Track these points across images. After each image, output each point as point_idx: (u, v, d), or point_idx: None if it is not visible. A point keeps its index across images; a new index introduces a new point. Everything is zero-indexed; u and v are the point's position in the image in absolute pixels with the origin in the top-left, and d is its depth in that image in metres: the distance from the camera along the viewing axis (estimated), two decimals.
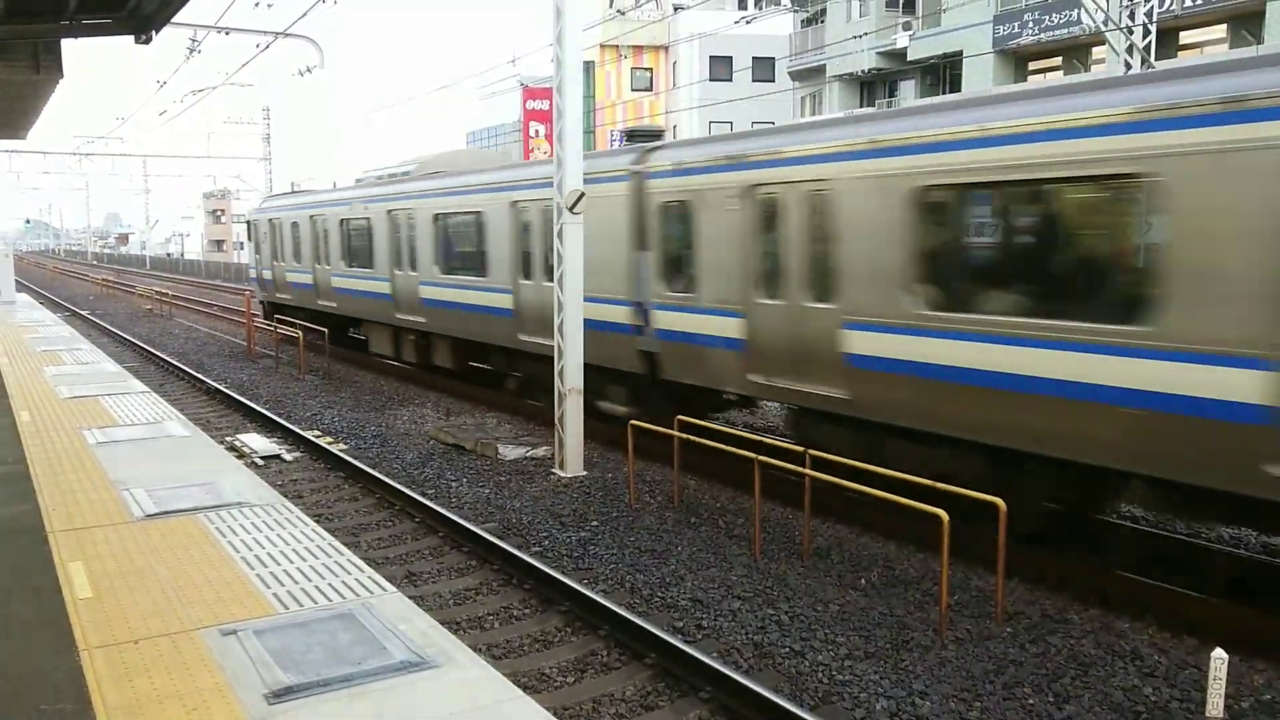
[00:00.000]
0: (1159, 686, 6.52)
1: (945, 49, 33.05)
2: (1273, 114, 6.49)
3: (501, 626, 7.78)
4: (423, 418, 15.96)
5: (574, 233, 11.78)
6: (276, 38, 22.16)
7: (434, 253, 17.40)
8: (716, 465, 11.70)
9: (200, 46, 21.56)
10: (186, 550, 5.73)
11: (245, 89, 41.81)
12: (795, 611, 7.80)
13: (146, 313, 35.80)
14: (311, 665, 4.19)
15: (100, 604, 4.92)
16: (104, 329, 30.59)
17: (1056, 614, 7.74)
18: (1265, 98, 6.52)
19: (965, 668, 6.80)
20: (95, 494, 6.96)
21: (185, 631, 4.58)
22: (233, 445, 13.74)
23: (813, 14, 41.93)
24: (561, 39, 11.49)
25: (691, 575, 8.63)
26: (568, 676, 6.86)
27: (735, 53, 46.02)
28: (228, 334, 28.81)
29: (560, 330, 11.96)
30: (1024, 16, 29.98)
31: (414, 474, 12.36)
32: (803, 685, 6.62)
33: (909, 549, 9.26)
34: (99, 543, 5.89)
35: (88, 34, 11.66)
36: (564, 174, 11.61)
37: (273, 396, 18.15)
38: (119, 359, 21.20)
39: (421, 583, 8.74)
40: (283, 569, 5.39)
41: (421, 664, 4.20)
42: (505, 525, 10.19)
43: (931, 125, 8.82)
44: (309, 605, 4.89)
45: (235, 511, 6.51)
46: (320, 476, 12.48)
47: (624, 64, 50.15)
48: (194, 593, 5.06)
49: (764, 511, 9.59)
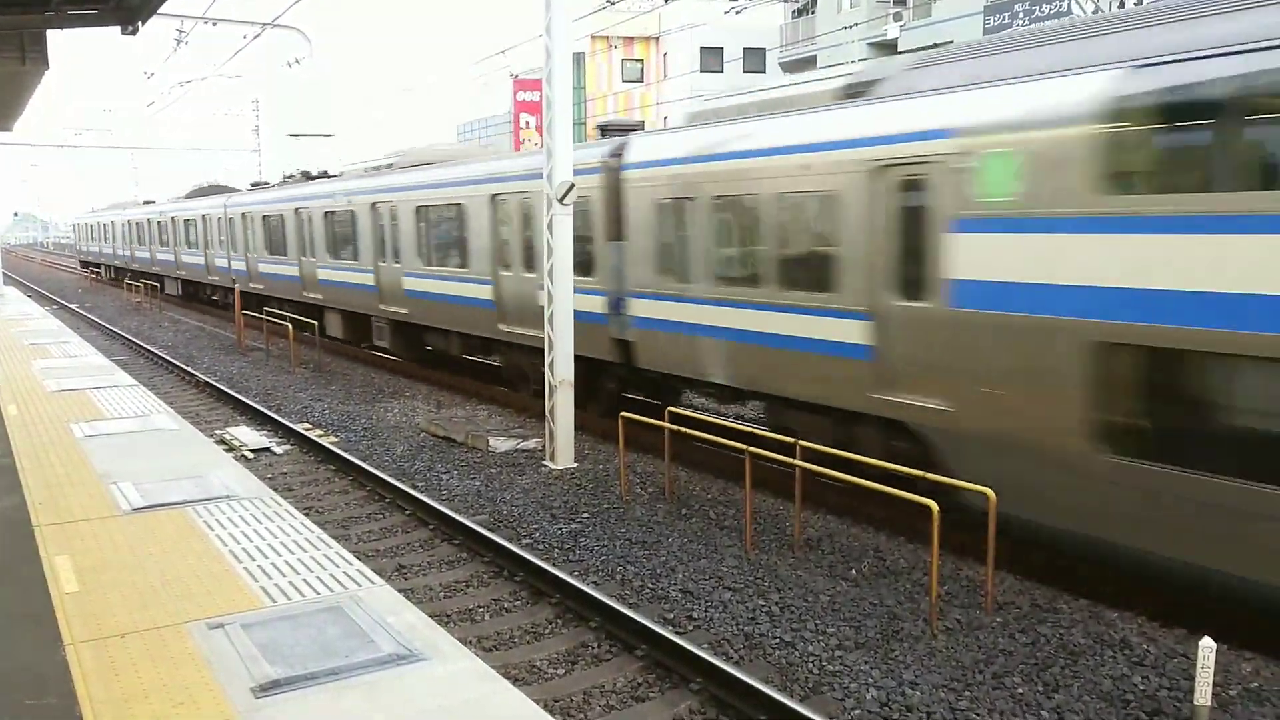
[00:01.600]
0: (1148, 675, 6.55)
1: (936, 39, 33.01)
2: None
3: (492, 619, 7.77)
4: (413, 410, 15.93)
5: (564, 224, 11.74)
6: (265, 29, 22.00)
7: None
8: (708, 457, 11.70)
9: (187, 38, 21.40)
10: (174, 544, 5.70)
11: (234, 80, 41.55)
12: (786, 602, 7.81)
13: (136, 306, 35.63)
14: (299, 658, 4.17)
15: (87, 598, 4.89)
16: (93, 322, 30.45)
17: (1046, 604, 7.76)
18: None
19: (955, 657, 6.82)
20: (83, 487, 6.92)
21: (172, 625, 4.55)
22: (222, 438, 13.69)
23: (803, 4, 41.85)
24: (551, 29, 11.44)
25: (682, 567, 8.63)
26: (558, 668, 6.85)
27: (726, 43, 45.92)
28: (217, 327, 28.70)
29: (550, 322, 11.93)
30: (1014, 7, 29.95)
31: (404, 467, 12.33)
32: (793, 676, 6.63)
33: (899, 540, 9.27)
34: (86, 536, 5.85)
35: (74, 25, 11.55)
36: (553, 165, 11.57)
37: (263, 389, 18.09)
38: (108, 352, 21.11)
39: (412, 575, 8.72)
40: (271, 562, 5.37)
41: (410, 657, 4.19)
42: (496, 518, 10.18)
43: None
44: (297, 598, 4.87)
45: (224, 505, 6.48)
46: (310, 469, 12.45)
47: (615, 55, 49.99)
48: (181, 586, 5.04)
49: (755, 503, 9.59)
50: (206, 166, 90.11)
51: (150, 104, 36.74)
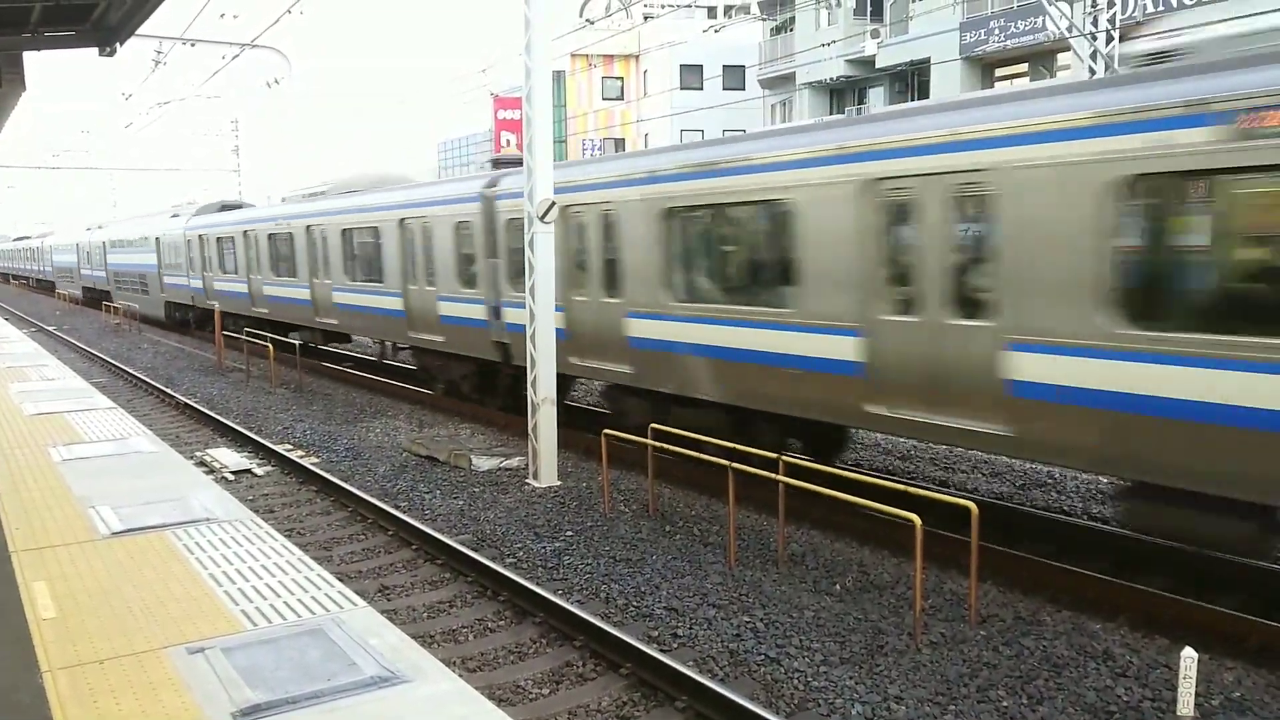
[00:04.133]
0: (1131, 686, 6.57)
1: (913, 56, 33.31)
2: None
3: (475, 639, 7.73)
4: (396, 430, 15.86)
5: (545, 242, 11.75)
6: (243, 49, 21.98)
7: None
8: (691, 473, 11.70)
9: (166, 58, 21.36)
10: (154, 568, 5.64)
11: (212, 100, 41.40)
12: (770, 618, 7.80)
13: (115, 328, 35.37)
14: (280, 682, 4.13)
15: (64, 623, 4.83)
16: (71, 345, 30.20)
17: (1029, 616, 7.79)
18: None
19: (940, 671, 6.83)
20: (60, 511, 6.84)
21: (152, 650, 4.50)
22: (202, 460, 13.59)
23: (782, 22, 42.16)
24: (530, 49, 11.48)
25: (667, 584, 8.61)
26: (543, 688, 6.82)
27: (705, 61, 46.18)
28: (196, 348, 28.52)
29: (531, 340, 11.92)
30: (990, 24, 30.28)
31: (387, 487, 12.27)
32: (778, 692, 6.62)
33: (883, 554, 9.29)
34: (64, 561, 5.79)
35: (51, 46, 11.51)
36: (534, 183, 11.58)
37: (243, 410, 17.97)
38: (86, 375, 20.94)
39: (395, 596, 8.67)
40: (252, 585, 5.32)
41: (393, 679, 4.15)
42: (479, 537, 10.13)
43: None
44: (279, 621, 4.82)
45: (204, 528, 6.42)
46: (292, 491, 12.37)
47: (595, 73, 50.19)
48: (161, 611, 4.98)
49: (738, 519, 9.60)
50: (185, 186, 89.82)
51: (128, 125, 36.56)
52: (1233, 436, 6.62)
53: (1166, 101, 6.83)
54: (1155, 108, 6.88)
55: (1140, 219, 7.31)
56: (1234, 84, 6.50)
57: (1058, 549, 9.15)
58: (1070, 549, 9.14)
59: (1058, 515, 10.28)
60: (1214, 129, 6.57)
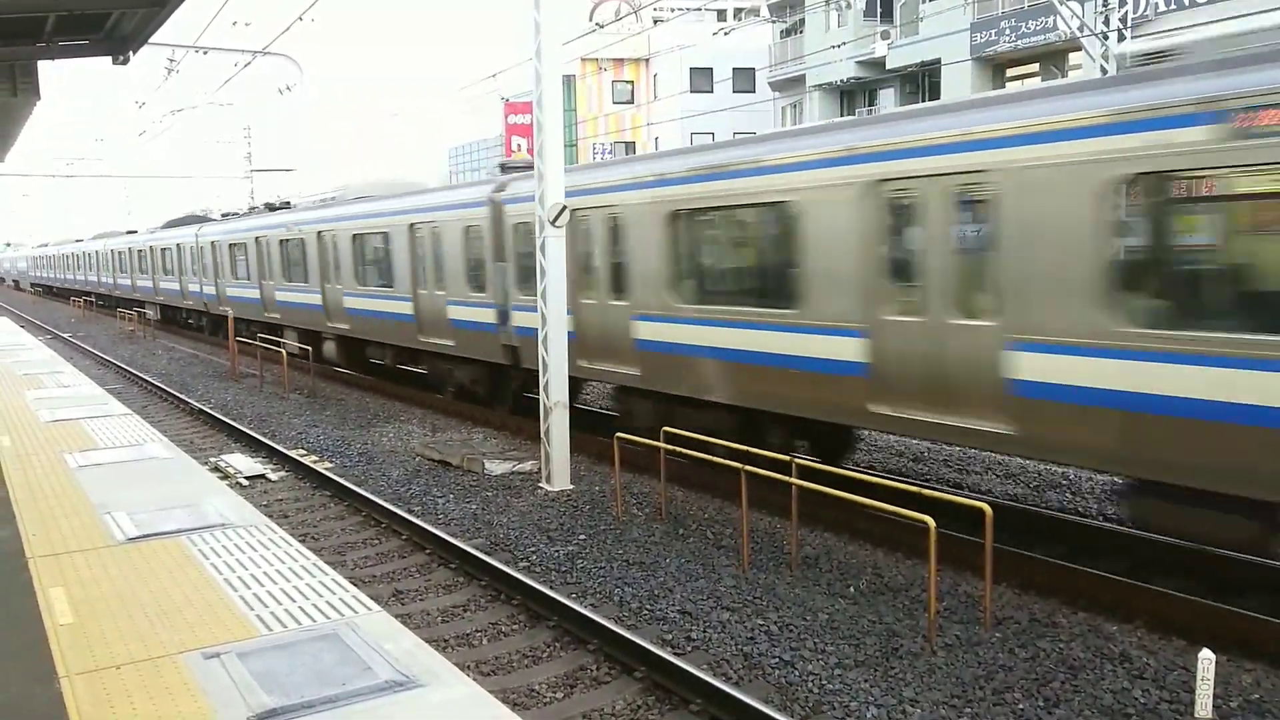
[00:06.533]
0: (1148, 689, 6.53)
1: (923, 57, 33.24)
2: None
3: (489, 643, 7.73)
4: (408, 434, 15.90)
5: (556, 246, 11.76)
6: (255, 56, 22.10)
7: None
8: (703, 476, 11.69)
9: (179, 66, 21.50)
10: (169, 573, 5.67)
11: (225, 108, 41.62)
12: (784, 621, 7.79)
13: (129, 335, 35.57)
14: (295, 687, 4.14)
15: (81, 629, 4.86)
16: (86, 351, 30.38)
17: (1045, 618, 7.75)
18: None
19: (955, 674, 6.80)
20: (76, 518, 6.88)
21: (168, 655, 4.52)
22: (216, 466, 13.65)
23: (792, 25, 42.11)
24: (540, 54, 11.50)
25: (680, 587, 8.60)
26: (557, 692, 6.82)
27: (715, 64, 46.15)
28: (210, 354, 28.66)
29: (543, 344, 11.93)
30: (1001, 24, 30.19)
31: (400, 491, 12.29)
32: (793, 695, 6.60)
33: (897, 556, 9.26)
34: (80, 567, 5.82)
35: (65, 55, 11.57)
36: (545, 188, 11.60)
37: (257, 416, 18.05)
38: (101, 381, 21.06)
39: (409, 601, 8.68)
40: (266, 590, 5.34)
41: (407, 683, 4.16)
42: (492, 541, 10.14)
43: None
44: (293, 626, 4.84)
45: (219, 533, 6.45)
46: (305, 496, 12.41)
47: (605, 77, 50.22)
48: (177, 616, 5.00)
49: (751, 521, 9.58)
50: (199, 194, 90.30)
51: (142, 133, 36.80)
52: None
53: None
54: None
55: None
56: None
57: (1073, 550, 9.10)
58: (1086, 550, 9.09)
59: (1073, 517, 10.24)
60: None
